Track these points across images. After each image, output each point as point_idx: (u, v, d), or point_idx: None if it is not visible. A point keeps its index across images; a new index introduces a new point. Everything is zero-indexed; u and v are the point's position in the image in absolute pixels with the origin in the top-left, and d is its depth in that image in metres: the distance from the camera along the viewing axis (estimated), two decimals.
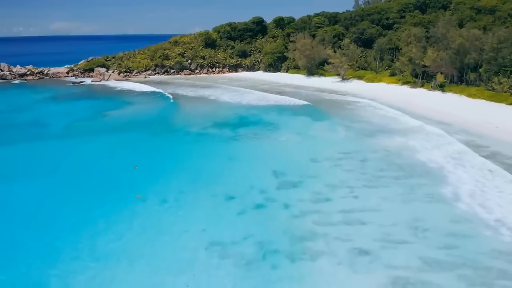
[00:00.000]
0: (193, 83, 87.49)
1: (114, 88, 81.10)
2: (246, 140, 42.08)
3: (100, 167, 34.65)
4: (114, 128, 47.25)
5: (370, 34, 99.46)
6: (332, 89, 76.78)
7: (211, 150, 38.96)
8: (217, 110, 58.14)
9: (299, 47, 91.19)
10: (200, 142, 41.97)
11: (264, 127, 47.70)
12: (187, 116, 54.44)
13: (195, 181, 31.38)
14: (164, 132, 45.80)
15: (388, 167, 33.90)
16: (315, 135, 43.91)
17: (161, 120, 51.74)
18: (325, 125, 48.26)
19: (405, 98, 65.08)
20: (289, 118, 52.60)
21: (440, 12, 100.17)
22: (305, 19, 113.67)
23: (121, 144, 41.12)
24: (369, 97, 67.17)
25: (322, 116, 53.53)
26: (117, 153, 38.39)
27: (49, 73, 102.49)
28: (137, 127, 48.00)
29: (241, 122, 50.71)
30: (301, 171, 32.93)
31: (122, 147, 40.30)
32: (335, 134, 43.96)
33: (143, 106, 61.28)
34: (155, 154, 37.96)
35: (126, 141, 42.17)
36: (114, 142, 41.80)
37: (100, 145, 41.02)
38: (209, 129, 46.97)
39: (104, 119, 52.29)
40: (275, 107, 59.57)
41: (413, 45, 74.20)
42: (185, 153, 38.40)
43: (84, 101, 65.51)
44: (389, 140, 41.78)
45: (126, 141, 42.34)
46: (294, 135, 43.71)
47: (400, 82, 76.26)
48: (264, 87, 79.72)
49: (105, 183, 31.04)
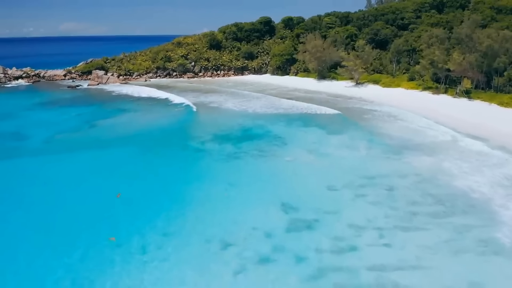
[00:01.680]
0: (195, 87, 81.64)
1: (111, 92, 75.51)
2: (249, 159, 36.03)
3: (74, 195, 28.78)
4: (99, 142, 41.48)
5: (385, 35, 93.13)
6: (346, 94, 70.48)
7: (208, 173, 32.96)
8: (219, 120, 52.17)
9: (310, 48, 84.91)
10: (196, 161, 36.03)
11: (270, 141, 41.62)
12: (184, 127, 48.49)
13: (186, 217, 25.39)
14: (156, 147, 39.88)
15: (423, 199, 27.62)
16: (330, 152, 37.68)
17: (154, 132, 45.84)
18: (341, 140, 42.00)
19: (428, 106, 58.63)
20: (299, 130, 46.46)
21: (458, 12, 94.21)
22: (316, 19, 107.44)
23: (105, 163, 35.26)
24: (388, 105, 60.82)
25: (337, 127, 47.31)
26: (98, 175, 32.52)
27: (45, 75, 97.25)
28: (126, 140, 42.15)
29: (245, 135, 44.69)
30: (316, 203, 26.79)
31: (105, 167, 34.42)
32: (354, 152, 37.69)
33: (137, 115, 55.45)
34: (142, 177, 32.04)
35: (111, 159, 36.32)
36: (96, 161, 35.97)
37: (80, 164, 35.19)
38: (208, 144, 41.03)
39: (91, 130, 46.55)
40: (284, 116, 53.45)
41: (435, 47, 67.69)
42: (178, 176, 32.38)
43: (74, 108, 59.90)
44: (418, 160, 35.46)
45: (111, 159, 36.49)
46: (306, 153, 37.53)
47: (421, 87, 69.69)
48: (272, 92, 73.61)
49: (75, 219, 25.14)
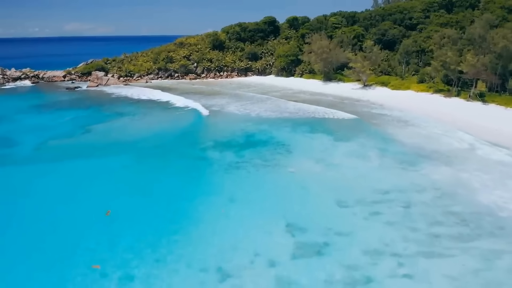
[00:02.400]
0: (197, 89, 79.03)
1: (110, 95, 73.05)
2: (251, 170, 33.30)
3: (57, 212, 26.20)
4: (92, 150, 38.92)
5: (393, 35, 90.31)
6: (353, 97, 67.60)
7: (206, 186, 30.27)
8: (221, 125, 49.56)
9: (315, 49, 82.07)
10: (193, 172, 33.33)
11: (275, 149, 38.89)
12: (182, 133, 45.82)
13: (179, 240, 22.73)
14: (151, 156, 37.21)
15: (444, 218, 24.81)
16: (339, 162, 34.87)
17: (151, 138, 43.16)
18: (351, 147, 39.19)
19: (440, 109, 55.73)
20: (305, 136, 43.70)
21: (468, 12, 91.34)
22: (321, 19, 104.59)
23: (96, 175, 32.64)
24: (398, 108, 57.96)
25: (345, 133, 44.51)
26: (88, 189, 29.91)
27: (44, 76, 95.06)
28: (120, 148, 39.54)
29: (247, 141, 41.96)
30: (326, 223, 24.04)
31: (95, 179, 31.81)
32: (365, 162, 34.87)
33: (134, 119, 52.82)
34: (135, 191, 29.37)
35: (103, 170, 33.69)
36: (87, 172, 33.37)
37: (69, 175, 32.59)
38: (207, 152, 38.37)
39: (85, 136, 43.97)
40: (289, 120, 50.70)
41: (447, 48, 64.72)
42: (172, 190, 29.70)
43: (70, 111, 57.45)
44: (435, 171, 32.62)
45: (102, 169, 33.86)
46: (312, 163, 34.75)
47: (431, 90, 66.70)
48: (276, 95, 70.86)
49: (55, 241, 22.57)
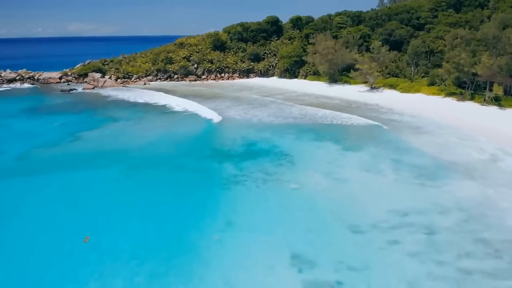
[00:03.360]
0: (197, 91, 75.73)
1: (105, 97, 69.85)
2: (251, 186, 29.91)
3: (29, 235, 22.93)
4: (79, 161, 35.64)
5: (400, 36, 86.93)
6: (360, 100, 64.16)
7: (201, 206, 26.85)
8: (219, 132, 46.25)
9: (320, 50, 78.67)
10: (186, 187, 29.91)
11: (277, 160, 35.48)
12: (177, 141, 42.38)
13: (165, 274, 19.41)
14: (142, 168, 33.79)
15: (474, 247, 21.39)
16: (349, 177, 31.41)
17: (143, 147, 39.71)
18: (361, 158, 35.74)
19: (454, 114, 52.27)
20: (311, 145, 40.25)
21: (477, 11, 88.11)
22: (326, 19, 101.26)
23: (79, 191, 29.32)
24: (408, 113, 54.51)
25: (353, 142, 41.09)
26: (67, 208, 26.61)
27: (40, 78, 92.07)
28: (110, 158, 36.24)
29: (247, 151, 38.54)
30: (337, 255, 20.65)
31: (78, 196, 28.50)
32: (378, 176, 31.41)
33: (128, 125, 49.44)
34: (119, 211, 26.06)
35: (87, 185, 30.37)
36: (70, 187, 30.06)
37: (49, 191, 29.31)
38: (203, 164, 35.00)
39: (73, 145, 40.67)
40: (293, 127, 47.32)
41: (461, 48, 61.20)
42: (163, 210, 26.34)
43: (61, 116, 54.24)
44: (457, 186, 29.19)
45: (87, 184, 30.54)
46: (319, 177, 31.32)
47: (443, 93, 63.22)
48: (279, 98, 67.47)
49: (18, 273, 19.28)
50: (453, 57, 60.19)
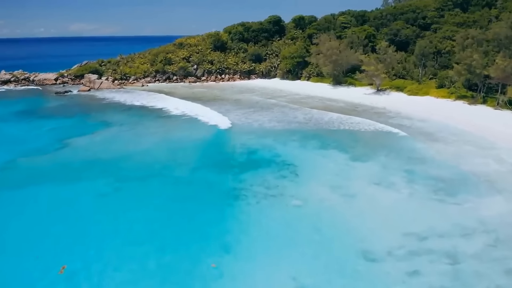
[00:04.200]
0: (196, 93, 72.96)
1: (101, 100, 67.14)
2: (251, 202, 27.04)
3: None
4: (64, 172, 32.88)
5: (406, 36, 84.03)
6: (366, 104, 61.25)
7: (194, 226, 24.01)
8: (217, 139, 43.42)
9: (324, 50, 75.78)
10: (179, 204, 27.04)
11: (280, 171, 32.62)
12: (171, 149, 39.44)
13: None
14: (132, 181, 30.89)
15: (508, 280, 18.51)
16: (358, 191, 28.53)
17: (135, 156, 36.70)
18: (371, 170, 32.84)
19: (466, 119, 49.37)
20: (316, 154, 37.38)
21: (485, 11, 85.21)
22: (329, 18, 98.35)
23: (60, 208, 26.49)
24: (418, 117, 51.65)
25: (362, 150, 38.22)
26: (44, 229, 23.81)
27: (35, 79, 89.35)
28: (98, 168, 33.44)
29: (248, 160, 35.69)
30: None
31: (58, 215, 25.68)
32: (391, 191, 28.52)
33: (121, 131, 46.56)
34: (102, 235, 23.20)
35: (70, 201, 27.51)
36: (50, 204, 27.24)
37: (26, 209, 26.50)
38: (199, 175, 32.16)
39: (60, 153, 37.88)
40: (297, 133, 44.47)
41: (472, 49, 58.24)
42: (152, 232, 23.51)
43: (52, 120, 51.58)
44: (480, 203, 26.28)
45: (70, 200, 27.68)
46: (326, 192, 28.44)
47: (453, 96, 60.27)
48: (282, 101, 64.68)
49: None
50: (464, 58, 57.23)
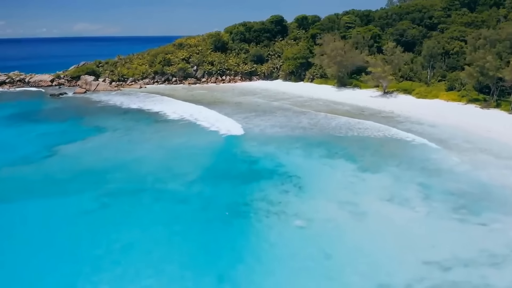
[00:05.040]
0: (196, 96, 70.30)
1: (96, 103, 64.53)
2: (252, 222, 24.28)
3: None
4: (48, 184, 30.25)
5: (412, 36, 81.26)
6: (373, 107, 58.42)
7: (187, 252, 21.28)
8: (215, 146, 40.67)
9: (329, 51, 73.00)
10: (171, 224, 24.27)
11: (282, 184, 29.85)
12: (165, 158, 36.45)
13: None
14: (121, 196, 28.14)
15: None
16: (369, 209, 25.71)
17: (126, 166, 33.87)
18: (382, 183, 30.07)
19: (481, 124, 46.55)
20: (321, 164, 34.59)
21: (493, 10, 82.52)
22: (333, 18, 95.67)
23: (38, 228, 23.84)
24: (428, 122, 48.93)
25: (371, 159, 35.44)
26: (15, 255, 21.16)
27: (30, 81, 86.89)
28: (86, 181, 30.74)
29: (248, 172, 32.89)
30: None
31: (36, 235, 23.04)
32: (406, 209, 25.72)
33: (114, 137, 43.81)
34: (83, 261, 20.55)
35: (51, 220, 24.82)
36: (25, 223, 24.55)
37: (10, 226, 23.93)
38: (194, 188, 29.37)
39: (46, 162, 35.21)
40: (301, 140, 41.68)
41: (485, 50, 55.39)
42: (139, 258, 20.81)
43: (42, 125, 49.04)
44: (508, 223, 23.49)
45: (50, 219, 24.98)
46: (333, 209, 25.68)
47: (465, 99, 57.39)
48: (284, 104, 61.98)
49: None
50: (476, 59, 54.39)
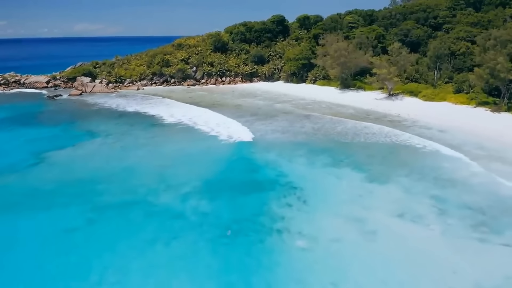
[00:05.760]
0: (194, 98, 68.08)
1: (91, 106, 62.30)
2: (252, 241, 22.00)
3: None
4: (32, 196, 27.97)
5: (417, 36, 79.04)
6: (379, 110, 56.15)
7: (178, 280, 19.07)
8: (211, 153, 38.38)
9: (332, 52, 70.75)
10: (164, 244, 22.03)
11: (284, 197, 27.54)
12: (159, 166, 34.00)
13: None
14: (110, 209, 25.85)
15: None
16: (380, 227, 23.37)
17: (116, 176, 31.36)
18: (392, 196, 27.76)
19: (493, 129, 44.34)
20: (326, 173, 32.25)
21: (499, 10, 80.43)
22: (336, 18, 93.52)
23: (16, 249, 21.63)
24: (437, 127, 46.68)
25: (380, 168, 33.16)
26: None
27: (26, 82, 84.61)
28: (72, 191, 28.47)
29: (246, 182, 30.60)
30: None
31: (13, 258, 20.84)
32: (419, 226, 23.43)
33: (107, 142, 41.45)
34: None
35: (29, 237, 22.59)
36: (5, 242, 22.38)
37: None
38: (189, 202, 27.04)
39: (33, 170, 32.90)
40: (305, 146, 39.38)
41: (496, 51, 53.07)
42: (125, 285, 18.63)
43: (33, 129, 46.86)
44: None
45: (28, 236, 22.75)
46: (340, 226, 23.35)
47: (474, 102, 55.08)
48: (287, 107, 59.75)
49: None
50: (487, 61, 52.10)
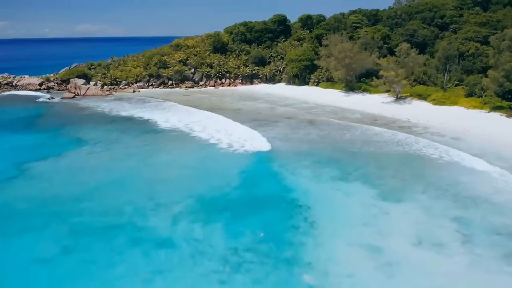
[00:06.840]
0: (192, 100, 64.91)
1: (83, 110, 59.19)
2: (255, 277, 18.94)
3: None
4: (7, 216, 24.88)
5: (424, 37, 75.95)
6: (387, 115, 52.93)
7: None
8: (207, 164, 35.26)
9: (336, 53, 67.62)
10: (151, 281, 19.04)
11: (289, 217, 24.43)
12: (147, 180, 30.65)
13: None
14: (89, 233, 22.61)
15: None
16: (397, 258, 20.13)
17: (102, 191, 28.33)
18: (410, 216, 24.60)
19: (510, 136, 41.13)
20: (334, 189, 29.09)
21: (507, 10, 77.51)
22: (339, 18, 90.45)
23: None
24: (450, 133, 43.59)
25: (393, 182, 30.02)
26: None
27: (18, 84, 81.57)
28: (49, 211, 25.29)
29: (245, 198, 27.50)
30: None
31: None
32: (443, 257, 20.15)
33: (94, 151, 38.23)
34: None
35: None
36: None
37: None
38: (181, 225, 23.83)
39: (10, 184, 29.63)
40: (310, 157, 36.22)
41: (511, 53, 49.97)
42: None
43: (19, 135, 43.83)
44: None
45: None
46: (353, 257, 20.16)
47: (487, 106, 51.90)
48: (289, 111, 56.62)
49: None
50: (503, 63, 48.97)
